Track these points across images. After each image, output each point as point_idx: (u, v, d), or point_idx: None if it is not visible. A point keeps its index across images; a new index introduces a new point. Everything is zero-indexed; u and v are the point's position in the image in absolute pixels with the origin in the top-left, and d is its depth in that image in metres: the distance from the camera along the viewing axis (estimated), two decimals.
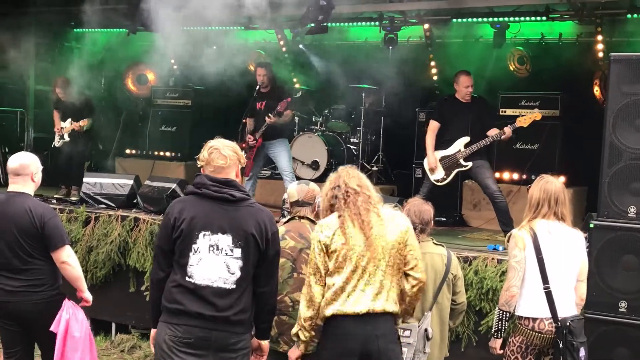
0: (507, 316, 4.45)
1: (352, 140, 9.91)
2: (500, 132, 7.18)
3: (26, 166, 4.60)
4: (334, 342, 3.80)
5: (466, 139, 7.31)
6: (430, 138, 7.46)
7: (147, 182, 8.30)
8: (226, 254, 3.75)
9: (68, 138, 9.48)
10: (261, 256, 3.81)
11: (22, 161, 4.61)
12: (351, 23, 9.82)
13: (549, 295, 4.32)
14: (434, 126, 7.47)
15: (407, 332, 4.28)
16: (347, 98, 10.13)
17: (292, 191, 4.56)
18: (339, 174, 3.98)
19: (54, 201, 8.58)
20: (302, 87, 10.52)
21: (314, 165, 9.46)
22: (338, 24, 9.65)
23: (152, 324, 3.91)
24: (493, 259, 6.05)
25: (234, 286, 3.76)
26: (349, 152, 9.79)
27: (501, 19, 8.88)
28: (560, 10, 8.46)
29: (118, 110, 11.33)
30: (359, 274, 3.79)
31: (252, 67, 10.20)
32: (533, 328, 4.36)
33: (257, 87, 8.38)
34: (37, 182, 4.69)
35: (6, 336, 4.65)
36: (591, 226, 5.26)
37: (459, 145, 7.33)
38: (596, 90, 8.95)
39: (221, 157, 3.84)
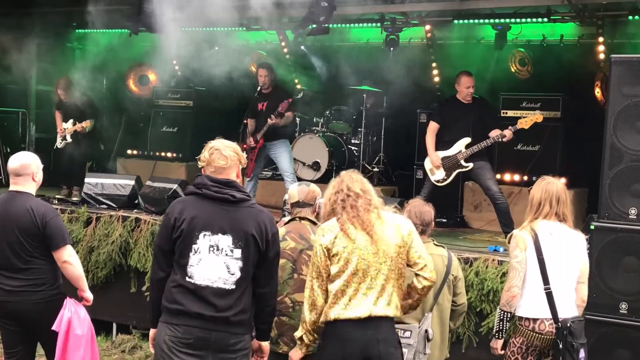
0: (508, 316, 4.45)
1: (353, 141, 9.90)
2: (501, 134, 7.18)
3: (27, 166, 4.60)
4: (335, 346, 3.80)
5: (467, 140, 7.31)
6: (429, 139, 7.47)
7: (149, 183, 8.30)
8: (226, 255, 3.75)
9: (70, 139, 9.48)
10: (261, 257, 3.82)
11: (23, 161, 4.61)
12: (353, 24, 9.81)
13: (550, 296, 4.32)
14: (433, 127, 7.48)
15: (408, 333, 4.28)
16: (349, 99, 10.14)
17: (293, 192, 4.56)
18: (342, 179, 3.96)
19: (56, 201, 8.59)
20: (304, 88, 10.53)
21: (315, 166, 9.45)
22: (339, 25, 9.65)
23: (151, 324, 3.92)
24: (494, 260, 6.06)
25: (234, 287, 3.76)
26: (350, 153, 9.79)
27: (502, 21, 8.87)
28: (561, 11, 8.45)
29: (120, 110, 11.32)
30: (361, 277, 3.79)
31: (254, 68, 10.20)
32: (533, 329, 4.36)
33: (259, 88, 8.38)
34: (39, 181, 4.69)
35: (6, 336, 4.66)
36: (592, 228, 5.25)
37: (460, 146, 7.33)
38: (597, 92, 8.94)
39: (222, 158, 3.84)
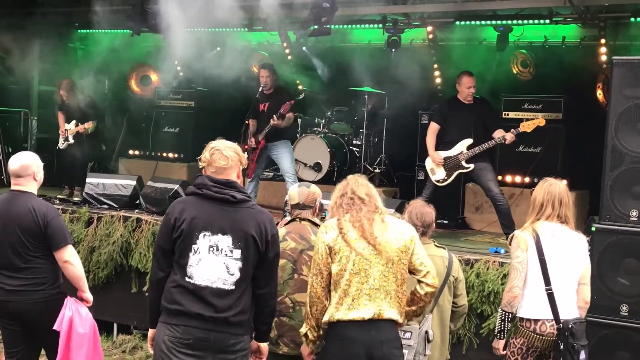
0: (510, 317, 4.45)
1: (355, 142, 9.90)
2: (502, 137, 7.18)
3: (27, 166, 4.60)
4: (338, 347, 3.80)
5: (469, 141, 7.31)
6: (430, 139, 7.47)
7: (150, 183, 8.31)
8: (226, 255, 3.75)
9: (72, 140, 9.47)
10: (261, 258, 3.81)
11: (23, 162, 4.61)
12: (354, 25, 9.81)
13: (551, 296, 4.32)
14: (434, 128, 7.48)
15: (408, 334, 4.27)
16: (350, 100, 10.14)
17: (293, 194, 4.56)
18: (348, 182, 3.99)
19: (57, 201, 8.60)
20: (305, 89, 10.53)
21: (317, 167, 9.46)
22: (341, 26, 9.66)
23: (150, 325, 3.92)
24: (495, 262, 6.05)
25: (233, 287, 3.76)
26: (352, 154, 9.80)
27: (504, 22, 8.87)
28: (563, 13, 8.45)
29: (121, 111, 11.33)
30: (363, 278, 3.79)
31: (255, 69, 10.21)
32: (534, 330, 4.35)
33: (260, 89, 8.38)
34: (40, 181, 4.69)
35: (7, 336, 4.66)
36: (593, 229, 5.25)
37: (462, 147, 7.33)
38: (599, 93, 8.94)
39: (223, 158, 3.84)
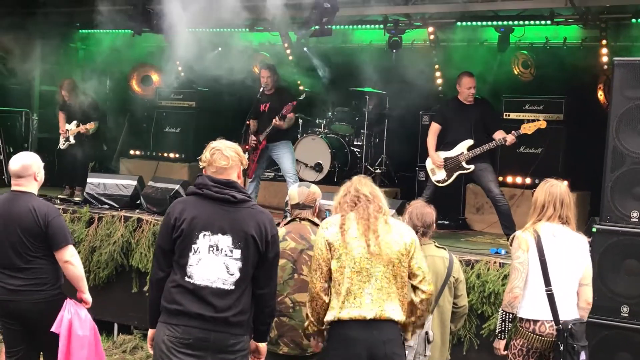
0: (510, 317, 4.45)
1: (356, 142, 9.91)
2: (503, 138, 7.18)
3: (28, 167, 4.60)
4: (341, 347, 3.81)
5: (469, 142, 7.30)
6: (431, 139, 7.46)
7: (151, 183, 8.31)
8: (226, 255, 3.75)
9: (73, 140, 9.45)
10: (260, 258, 3.81)
11: (23, 162, 4.61)
12: (355, 26, 9.81)
13: (551, 297, 4.32)
14: (435, 128, 7.48)
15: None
16: (351, 101, 10.15)
17: (293, 194, 4.56)
18: (352, 182, 4.03)
19: (58, 201, 8.60)
20: (306, 90, 10.53)
21: (317, 167, 9.46)
22: (342, 27, 9.66)
23: (150, 325, 3.93)
24: (495, 263, 6.05)
25: (233, 287, 3.76)
26: (353, 155, 9.80)
27: (506, 23, 8.87)
28: (565, 14, 8.44)
29: (123, 111, 11.33)
30: (365, 277, 3.80)
31: (257, 69, 10.21)
32: (534, 331, 4.35)
33: (261, 89, 8.38)
34: (40, 181, 4.69)
35: (8, 335, 4.66)
36: (594, 230, 5.25)
37: (462, 147, 7.32)
38: (600, 94, 8.94)
39: (223, 158, 3.84)
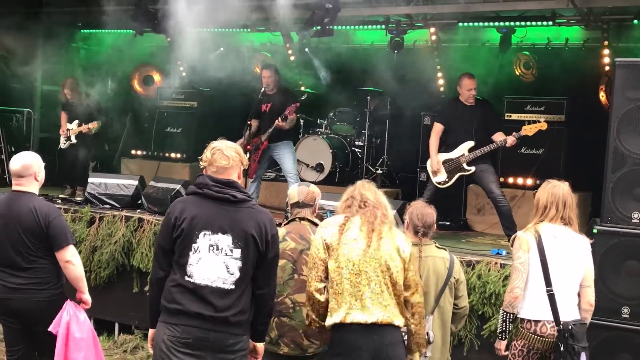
0: (511, 318, 4.45)
1: (357, 143, 9.91)
2: (504, 140, 7.17)
3: (28, 166, 4.60)
4: (343, 352, 3.82)
5: (470, 144, 7.30)
6: (434, 140, 7.45)
7: (152, 183, 8.31)
8: (226, 254, 3.75)
9: (75, 140, 9.45)
10: (260, 257, 3.81)
11: (24, 162, 4.61)
12: (357, 26, 9.81)
13: (552, 298, 4.31)
14: (438, 129, 7.47)
15: None
16: (353, 101, 10.15)
17: (293, 193, 4.57)
18: (356, 186, 4.05)
19: (59, 201, 8.61)
20: (307, 90, 10.52)
21: (319, 167, 9.46)
22: (344, 27, 9.65)
23: (151, 325, 3.92)
24: (496, 264, 6.04)
25: (233, 286, 3.76)
26: (354, 155, 9.80)
27: (507, 24, 8.87)
28: (566, 15, 8.44)
29: (124, 111, 11.33)
30: (365, 280, 3.80)
31: (258, 70, 10.21)
32: (535, 332, 4.35)
33: (263, 89, 8.37)
34: (41, 180, 4.69)
35: (8, 334, 4.67)
36: (594, 232, 5.25)
37: (463, 149, 7.31)
38: (602, 95, 8.92)
39: (224, 158, 3.85)
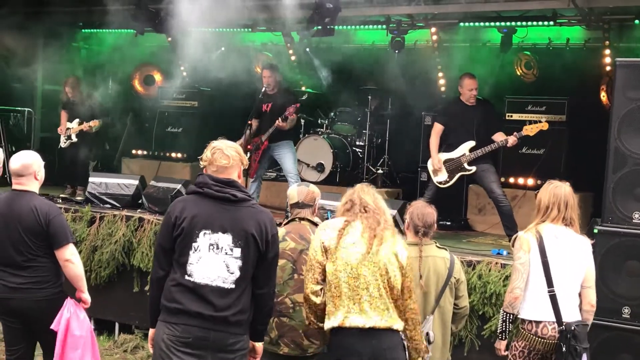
0: (511, 318, 4.44)
1: (358, 143, 9.90)
2: (505, 140, 7.17)
3: (28, 166, 4.60)
4: (340, 355, 3.82)
5: (471, 143, 7.29)
6: (434, 140, 7.46)
7: (153, 183, 8.30)
8: (226, 253, 3.75)
9: (75, 139, 9.45)
10: (260, 257, 3.81)
11: (24, 161, 4.61)
12: (358, 26, 9.80)
13: (553, 298, 4.31)
14: (438, 129, 7.47)
15: None
16: (353, 101, 10.14)
17: (292, 193, 4.56)
18: (355, 190, 4.05)
19: (60, 200, 8.61)
20: (308, 90, 10.52)
21: (319, 167, 9.45)
22: (345, 27, 9.65)
23: (151, 324, 3.91)
24: (497, 264, 6.03)
25: (233, 286, 3.76)
26: (355, 155, 9.79)
27: (508, 24, 8.87)
28: (567, 15, 8.44)
29: (125, 111, 11.33)
30: (364, 284, 3.80)
31: (259, 69, 10.21)
32: (536, 333, 4.34)
33: (263, 89, 8.37)
34: (41, 180, 4.68)
35: (8, 333, 4.66)
36: (595, 232, 5.24)
37: (464, 149, 7.31)
38: (603, 95, 8.92)
39: (224, 157, 3.85)
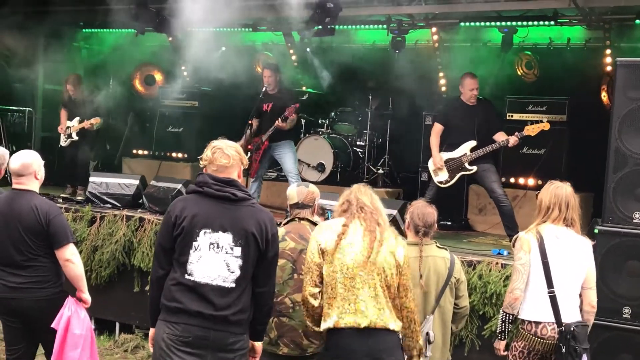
0: (511, 318, 4.44)
1: (359, 143, 9.90)
2: (506, 140, 7.16)
3: (28, 165, 4.59)
4: (336, 355, 3.82)
5: (473, 143, 7.29)
6: (434, 140, 7.45)
7: (153, 183, 8.30)
8: (226, 252, 3.75)
9: (76, 137, 9.43)
10: (261, 256, 3.81)
11: (24, 161, 4.60)
12: (359, 26, 9.81)
13: (553, 299, 4.30)
14: (438, 129, 7.47)
15: None
16: (354, 101, 10.14)
17: (292, 193, 4.56)
18: (351, 190, 4.05)
19: (60, 200, 8.61)
20: (309, 90, 10.52)
21: (320, 167, 9.45)
22: (345, 27, 9.65)
23: (151, 324, 3.91)
24: (497, 264, 6.03)
25: (234, 285, 3.76)
26: (355, 155, 9.79)
27: (509, 23, 8.87)
28: (568, 15, 8.43)
29: (126, 110, 11.34)
30: (359, 284, 3.79)
31: (260, 69, 10.21)
32: (535, 333, 4.33)
33: (264, 89, 8.37)
34: (41, 179, 4.68)
35: (9, 333, 4.66)
36: (596, 232, 5.24)
37: (465, 148, 7.31)
38: (604, 95, 8.92)
39: (224, 157, 3.85)
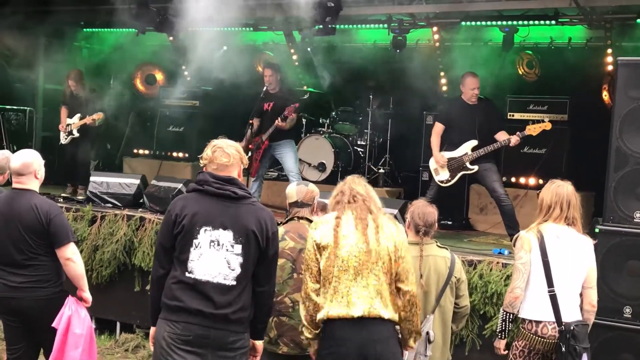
0: (511, 318, 4.44)
1: (359, 142, 9.90)
2: (507, 139, 7.16)
3: (28, 164, 4.59)
4: (330, 346, 3.81)
5: (474, 143, 7.29)
6: (434, 140, 7.45)
7: (154, 182, 8.30)
8: (227, 250, 3.76)
9: (77, 134, 9.40)
10: (261, 254, 3.82)
11: (24, 160, 4.60)
12: (360, 25, 9.81)
13: (554, 298, 4.30)
14: (439, 128, 7.46)
15: None
16: (355, 100, 10.14)
17: (291, 192, 4.56)
18: (345, 181, 4.05)
19: (61, 200, 8.61)
20: (310, 89, 10.52)
21: (321, 167, 9.45)
22: (346, 26, 9.65)
23: (152, 323, 3.91)
24: (498, 263, 6.02)
25: (234, 283, 3.76)
26: (356, 155, 9.79)
27: (510, 23, 8.87)
28: (569, 14, 8.44)
29: (126, 110, 11.34)
30: (352, 275, 3.78)
31: (260, 69, 10.21)
32: (536, 332, 4.33)
33: (265, 88, 8.37)
34: (41, 178, 4.68)
35: (9, 332, 4.67)
36: (596, 231, 5.23)
37: (466, 148, 7.30)
38: (605, 95, 8.91)
39: (224, 155, 3.86)
